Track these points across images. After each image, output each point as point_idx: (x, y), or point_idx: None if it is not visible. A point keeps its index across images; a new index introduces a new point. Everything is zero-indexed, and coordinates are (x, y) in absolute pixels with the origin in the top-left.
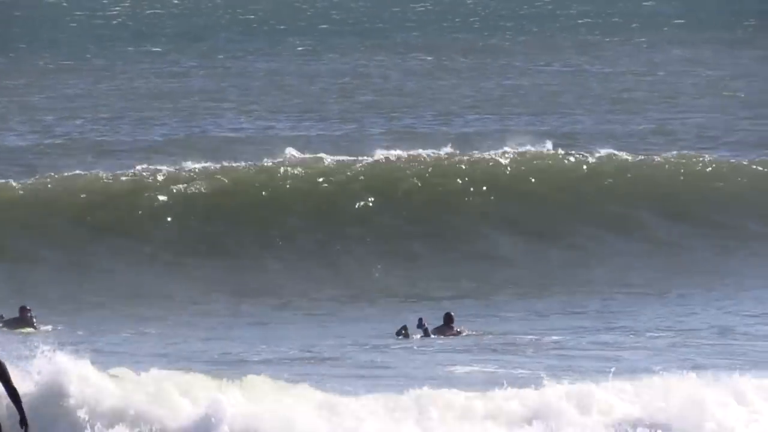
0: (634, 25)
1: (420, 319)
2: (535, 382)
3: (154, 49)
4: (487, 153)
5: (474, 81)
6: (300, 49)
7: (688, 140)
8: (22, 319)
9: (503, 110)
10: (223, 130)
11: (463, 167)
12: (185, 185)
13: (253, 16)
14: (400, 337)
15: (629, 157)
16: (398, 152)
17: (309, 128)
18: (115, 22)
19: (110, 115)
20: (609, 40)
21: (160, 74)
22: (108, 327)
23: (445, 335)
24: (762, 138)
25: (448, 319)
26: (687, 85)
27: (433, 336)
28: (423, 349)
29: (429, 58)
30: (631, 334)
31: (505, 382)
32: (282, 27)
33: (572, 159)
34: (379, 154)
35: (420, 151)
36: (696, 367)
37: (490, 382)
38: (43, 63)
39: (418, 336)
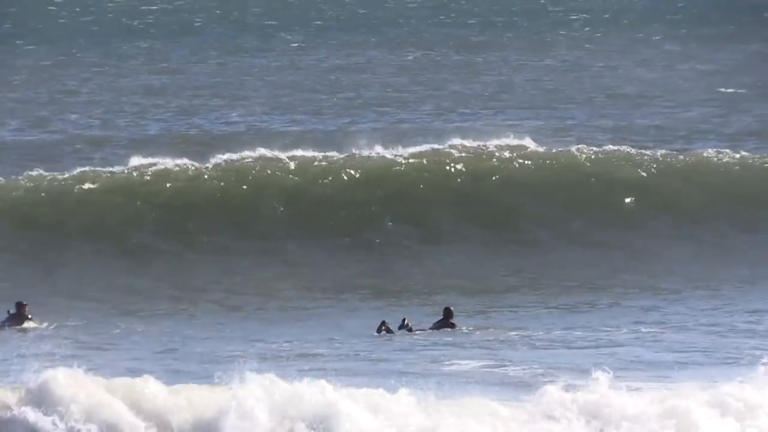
0: (625, 20)
1: (403, 320)
2: (528, 381)
3: (147, 45)
4: (486, 146)
5: (467, 76)
6: (294, 45)
7: (682, 135)
8: (20, 315)
9: (497, 105)
10: (215, 126)
11: (459, 162)
12: (179, 180)
13: (246, 12)
14: (382, 332)
15: (633, 152)
16: (394, 147)
17: (302, 123)
18: (107, 17)
19: (104, 110)
20: (600, 36)
21: (153, 70)
22: (103, 324)
23: (444, 329)
24: (753, 131)
25: (448, 313)
26: (681, 79)
27: (429, 330)
28: (419, 344)
29: (422, 53)
30: (636, 331)
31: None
32: (275, 23)
33: (577, 153)
34: (374, 149)
35: (417, 148)
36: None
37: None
38: (37, 58)
39: (402, 333)
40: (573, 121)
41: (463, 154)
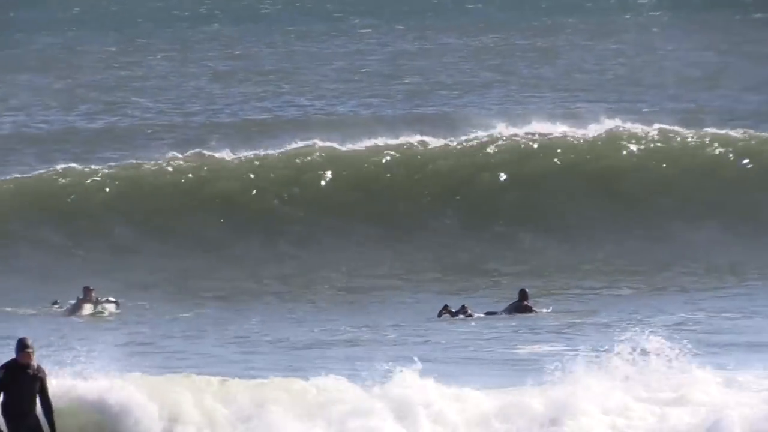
0: (692, 2)
1: (462, 306)
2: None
3: (214, 31)
4: (567, 131)
5: (535, 61)
6: (361, 31)
7: (750, 117)
8: (87, 300)
9: (567, 89)
10: (285, 111)
11: (540, 147)
12: (246, 167)
13: None
14: (444, 314)
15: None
16: (478, 131)
17: (370, 107)
18: (174, 2)
19: (172, 95)
20: (668, 19)
21: (220, 56)
22: (168, 310)
23: (519, 312)
24: None
25: (523, 295)
26: (748, 62)
27: (500, 312)
28: (491, 328)
29: (490, 37)
30: (717, 318)
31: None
32: (342, 8)
33: (664, 137)
34: (457, 135)
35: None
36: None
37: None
38: (104, 44)
39: (462, 317)
40: (642, 104)
41: (536, 137)
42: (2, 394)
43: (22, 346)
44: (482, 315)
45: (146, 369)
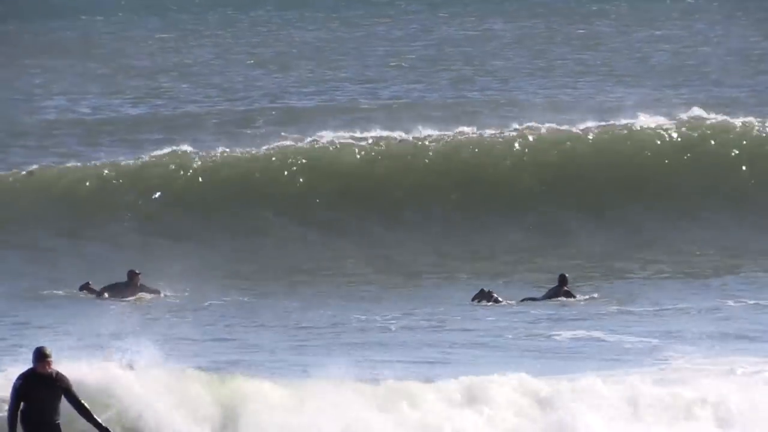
0: None
1: (489, 292)
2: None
3: (257, 15)
4: (619, 123)
5: (580, 48)
6: (411, 17)
7: None
8: (132, 285)
9: (615, 76)
10: (331, 96)
11: (591, 138)
12: (293, 155)
13: None
14: (482, 301)
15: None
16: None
17: (414, 93)
18: None
19: (219, 82)
20: (710, 5)
21: (267, 42)
22: (207, 300)
23: (557, 296)
24: None
25: (562, 280)
26: None
27: (540, 299)
28: (526, 315)
29: (533, 23)
30: (751, 303)
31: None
32: None
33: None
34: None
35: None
36: None
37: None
38: (150, 30)
39: (490, 303)
40: (685, 90)
41: (590, 127)
42: (22, 404)
43: (41, 355)
44: (513, 302)
45: (194, 361)
